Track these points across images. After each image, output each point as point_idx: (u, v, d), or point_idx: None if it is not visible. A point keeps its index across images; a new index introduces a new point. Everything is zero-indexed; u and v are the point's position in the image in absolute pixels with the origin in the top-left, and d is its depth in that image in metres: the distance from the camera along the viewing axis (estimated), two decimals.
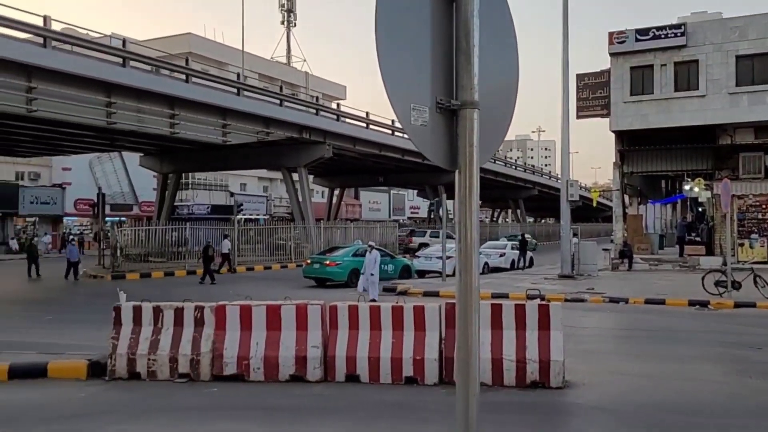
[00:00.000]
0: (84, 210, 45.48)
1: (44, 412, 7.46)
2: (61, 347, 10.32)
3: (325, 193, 54.85)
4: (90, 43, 21.95)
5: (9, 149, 32.78)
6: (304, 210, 33.23)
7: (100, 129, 22.93)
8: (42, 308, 16.99)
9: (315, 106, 33.37)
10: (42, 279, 24.23)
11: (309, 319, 8.62)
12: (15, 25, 18.01)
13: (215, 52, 53.62)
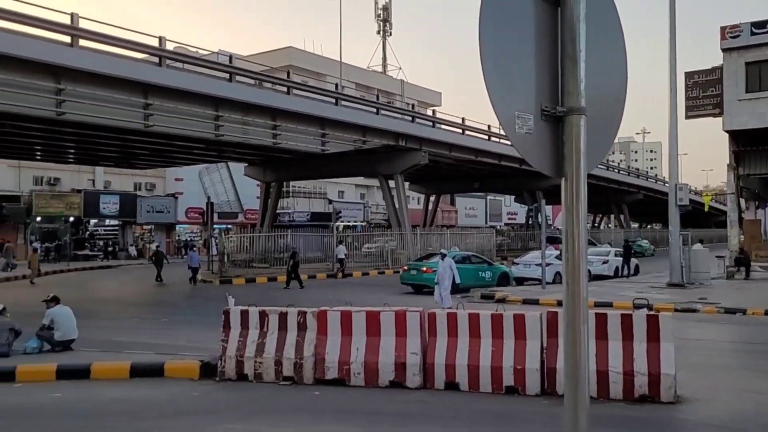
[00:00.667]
0: (194, 218, 48.02)
1: (163, 408, 7.94)
2: (175, 348, 10.95)
3: (421, 199, 55.01)
4: (200, 61, 23.23)
5: (129, 162, 35.21)
6: (401, 216, 33.49)
7: (209, 141, 24.17)
8: (159, 311, 18.09)
9: (411, 114, 33.59)
10: (164, 284, 25.62)
11: (408, 325, 8.67)
12: (133, 47, 19.38)
13: (314, 64, 55.21)
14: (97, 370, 9.45)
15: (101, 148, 27.58)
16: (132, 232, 47.61)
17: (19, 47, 15.92)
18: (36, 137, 23.95)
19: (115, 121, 19.32)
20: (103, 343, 11.65)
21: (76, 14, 16.82)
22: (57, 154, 31.21)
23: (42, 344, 10.74)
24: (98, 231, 46.27)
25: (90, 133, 22.39)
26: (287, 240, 30.80)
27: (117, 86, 18.60)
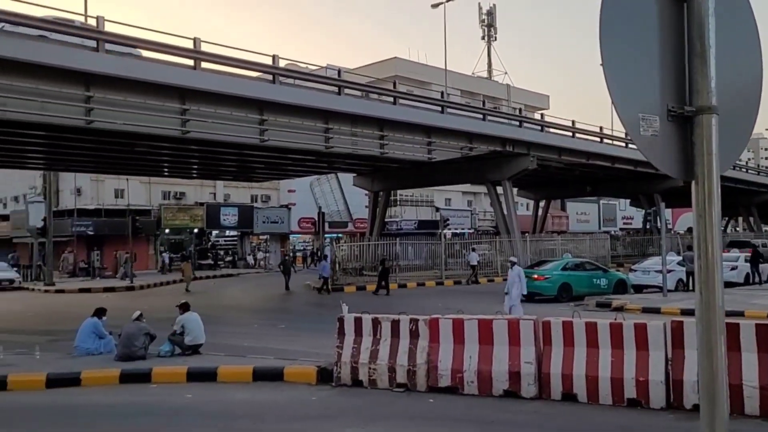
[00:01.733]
0: (306, 228, 49.64)
1: (283, 411, 8.27)
2: (292, 354, 11.37)
3: (530, 205, 53.78)
4: (310, 76, 24.07)
5: (246, 175, 37.02)
6: (509, 223, 32.92)
7: (319, 153, 24.93)
8: (276, 318, 18.84)
9: (518, 118, 33.00)
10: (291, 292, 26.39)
11: (521, 334, 8.52)
12: (250, 66, 20.43)
13: (419, 73, 55.59)
14: (223, 373, 10.01)
15: (221, 163, 29.20)
16: (249, 242, 49.91)
17: (150, 72, 17.22)
18: (164, 155, 25.74)
19: (234, 137, 20.39)
20: (227, 348, 12.30)
21: (198, 39, 17.97)
22: (182, 170, 33.39)
23: (174, 348, 11.50)
24: (219, 241, 48.88)
25: (211, 149, 23.79)
26: (396, 248, 31.13)
27: (235, 104, 19.64)
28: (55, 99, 15.77)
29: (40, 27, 15.23)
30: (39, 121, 16.31)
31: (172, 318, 12.28)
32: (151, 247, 43.16)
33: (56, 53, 15.43)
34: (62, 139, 20.41)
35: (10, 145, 22.15)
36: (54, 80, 15.66)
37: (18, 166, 33.22)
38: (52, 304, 24.73)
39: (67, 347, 12.30)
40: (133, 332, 11.20)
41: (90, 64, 15.99)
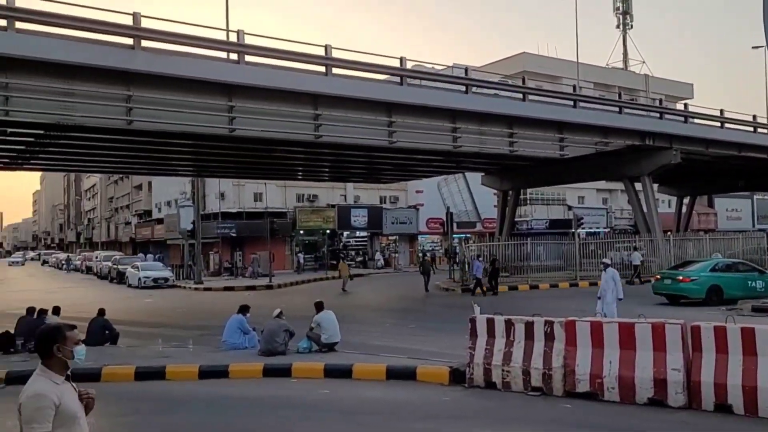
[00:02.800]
0: (434, 228, 49.80)
1: (416, 410, 8.34)
2: (424, 354, 11.42)
3: (672, 202, 50.38)
4: (437, 76, 24.12)
5: (375, 177, 37.84)
6: (650, 221, 31.04)
7: (447, 153, 24.91)
8: (407, 317, 19.05)
9: (658, 110, 31.04)
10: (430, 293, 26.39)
11: (667, 339, 7.99)
12: (377, 69, 20.85)
13: (549, 68, 53.97)
14: (358, 370, 10.27)
15: (351, 165, 30.04)
16: (379, 243, 50.93)
17: (286, 81, 18.07)
18: (298, 159, 26.92)
19: (363, 140, 20.90)
20: (361, 346, 12.61)
21: (330, 46, 18.60)
22: (314, 173, 34.74)
23: (311, 345, 11.98)
24: (350, 242, 50.32)
25: (341, 152, 24.53)
26: (527, 248, 30.40)
27: (364, 107, 20.11)
28: (200, 110, 16.97)
29: (187, 43, 16.46)
30: (187, 131, 17.64)
31: (308, 316, 12.79)
32: (287, 248, 45.27)
33: (202, 67, 16.61)
34: (207, 147, 21.94)
35: (163, 154, 24.15)
36: (199, 92, 16.86)
37: (170, 173, 36.21)
38: (201, 301, 26.67)
39: (215, 341, 13.20)
40: (274, 329, 11.79)
41: (232, 76, 17.06)
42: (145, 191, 62.93)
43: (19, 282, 42.26)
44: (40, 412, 3.16)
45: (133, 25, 15.15)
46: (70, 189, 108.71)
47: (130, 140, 19.73)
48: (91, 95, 15.11)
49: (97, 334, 13.46)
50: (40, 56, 13.92)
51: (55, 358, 3.33)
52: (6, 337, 13.10)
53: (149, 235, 57.95)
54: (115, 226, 77.02)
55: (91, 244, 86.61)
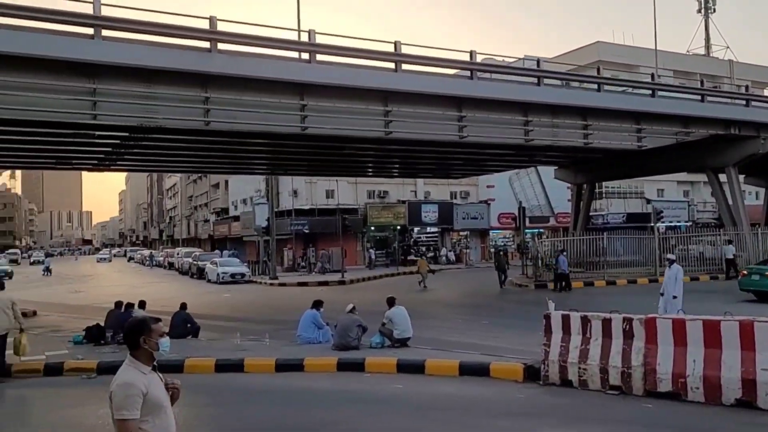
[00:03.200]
0: (506, 223, 49.16)
1: (490, 407, 8.27)
2: (497, 350, 11.32)
3: (760, 193, 47.73)
4: (508, 69, 23.73)
5: (445, 173, 37.67)
6: (735, 214, 29.51)
7: (519, 147, 24.46)
8: (480, 313, 18.90)
9: (744, 97, 29.41)
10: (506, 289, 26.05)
11: (756, 337, 7.60)
12: (447, 64, 20.73)
13: (624, 56, 52.14)
14: (431, 366, 10.28)
15: (421, 161, 29.99)
16: (450, 238, 50.69)
17: (357, 79, 18.23)
18: (368, 156, 27.12)
19: (433, 135, 20.82)
20: (433, 342, 12.62)
21: (399, 42, 18.63)
22: (384, 169, 34.90)
23: (384, 340, 12.08)
24: (420, 238, 50.32)
25: (411, 148, 24.52)
26: (602, 243, 29.53)
27: (434, 103, 20.02)
28: (274, 109, 17.36)
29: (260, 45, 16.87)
30: (261, 130, 18.07)
31: (380, 311, 12.90)
32: (359, 244, 45.74)
33: (275, 67, 16.98)
34: (281, 145, 22.41)
35: (239, 153, 24.86)
36: (273, 92, 17.23)
37: (246, 172, 37.26)
38: (276, 296, 27.35)
39: (290, 336, 13.51)
40: (347, 324, 11.96)
41: (304, 75, 17.36)
42: (222, 190, 65.05)
43: (107, 277, 44.57)
44: (129, 399, 3.33)
45: (209, 29, 15.65)
46: (152, 188, 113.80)
47: (207, 140, 20.41)
48: (171, 98, 15.73)
49: (179, 328, 14.03)
50: (125, 62, 14.60)
51: (142, 349, 3.50)
52: (97, 329, 13.86)
53: (226, 232, 59.87)
54: (194, 224, 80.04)
55: (173, 240, 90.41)
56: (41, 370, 11.16)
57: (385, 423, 7.62)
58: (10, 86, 13.70)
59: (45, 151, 21.80)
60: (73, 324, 17.20)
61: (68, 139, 18.66)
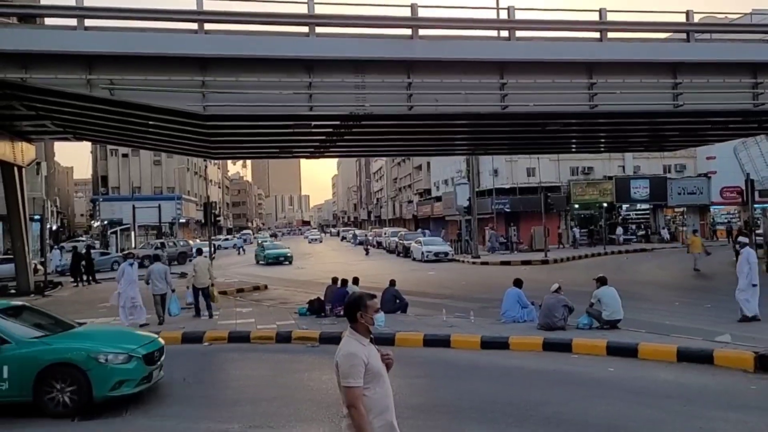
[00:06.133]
0: (730, 198, 44.39)
1: (716, 397, 7.66)
2: (717, 335, 10.40)
3: None
4: (732, 27, 21.32)
5: (658, 145, 34.89)
6: None
7: (745, 113, 21.88)
8: (700, 296, 17.45)
9: None
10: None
11: None
12: (658, 28, 19.22)
13: None
14: (645, 350, 9.78)
15: (630, 134, 28.09)
16: (663, 216, 47.06)
17: (558, 52, 17.66)
18: (572, 131, 26.07)
19: (644, 106, 19.41)
20: (646, 324, 11.97)
21: (604, 9, 17.63)
22: (589, 144, 33.28)
23: (591, 321, 11.72)
24: (630, 215, 47.37)
25: (619, 121, 23.08)
26: None
27: (644, 71, 18.61)
28: (474, 90, 17.46)
29: (460, 27, 17.05)
30: (462, 111, 18.29)
31: (587, 292, 12.51)
32: (562, 223, 44.36)
33: (476, 48, 17.09)
34: (481, 125, 22.47)
35: (441, 135, 25.40)
36: (473, 73, 17.33)
37: (448, 153, 37.95)
38: (479, 274, 27.64)
39: (494, 314, 13.66)
40: (552, 303, 11.79)
41: (505, 53, 17.22)
42: (424, 171, 66.98)
43: (323, 256, 48.33)
44: (354, 369, 3.68)
45: (411, 17, 16.19)
46: (361, 172, 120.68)
47: (410, 124, 21.15)
48: (377, 86, 16.58)
49: (389, 303, 14.87)
50: (338, 55, 15.72)
51: (359, 323, 3.85)
52: (318, 302, 15.22)
53: (429, 212, 61.61)
54: (399, 204, 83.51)
55: (380, 221, 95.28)
56: (273, 338, 12.55)
57: (598, 407, 7.41)
58: (243, 86, 15.49)
59: (270, 142, 24.23)
60: (298, 297, 19.03)
61: (289, 131, 20.53)
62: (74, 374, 7.62)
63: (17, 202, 22.56)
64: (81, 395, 7.61)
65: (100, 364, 7.70)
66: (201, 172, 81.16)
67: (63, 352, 7.81)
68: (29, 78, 14.50)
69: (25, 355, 7.70)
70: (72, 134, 22.50)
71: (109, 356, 7.80)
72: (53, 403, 7.60)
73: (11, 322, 8.25)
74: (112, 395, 7.78)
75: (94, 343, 8.07)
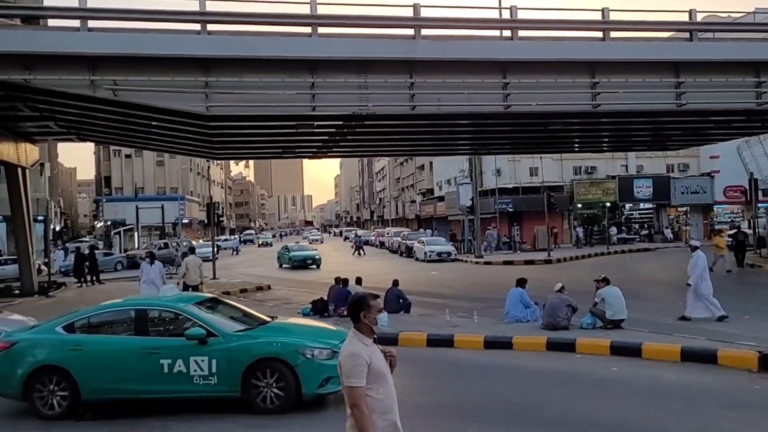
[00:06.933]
0: (734, 197, 44.32)
1: (720, 397, 7.65)
2: (726, 335, 10.37)
3: None
4: (734, 26, 21.27)
5: (661, 144, 34.84)
6: None
7: (748, 112, 21.85)
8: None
9: None
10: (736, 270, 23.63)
11: None
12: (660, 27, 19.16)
13: None
14: (648, 350, 9.76)
15: (633, 133, 28.06)
16: (666, 215, 47.00)
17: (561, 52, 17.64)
18: (575, 131, 26.04)
19: (647, 105, 19.39)
20: (649, 324, 11.95)
21: (607, 9, 17.61)
22: (592, 144, 33.24)
23: (595, 321, 11.71)
24: (633, 215, 47.31)
25: (622, 120, 23.05)
26: None
27: (647, 70, 18.58)
28: (476, 89, 17.46)
29: (462, 27, 17.05)
30: (465, 111, 18.29)
31: (590, 291, 12.49)
32: (565, 222, 44.32)
33: (479, 48, 17.08)
34: (484, 125, 22.47)
35: (444, 135, 25.41)
36: (476, 72, 17.32)
37: (450, 153, 37.96)
38: (482, 274, 27.63)
39: (497, 313, 13.65)
40: (556, 303, 11.78)
41: (508, 53, 17.21)
42: (427, 171, 66.96)
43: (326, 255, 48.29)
44: (356, 369, 3.67)
45: (413, 16, 16.19)
46: (363, 172, 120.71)
47: (413, 124, 21.15)
48: (380, 86, 16.58)
49: (392, 303, 14.86)
50: (341, 55, 15.74)
51: (363, 323, 3.84)
52: (321, 302, 15.22)
53: (432, 211, 61.60)
54: (402, 204, 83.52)
55: (382, 221, 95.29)
56: None
57: (602, 406, 7.41)
58: (246, 86, 15.52)
59: (273, 142, 24.26)
60: (301, 297, 19.05)
61: (292, 131, 20.55)
62: (281, 369, 7.34)
63: (21, 203, 22.62)
64: (288, 391, 7.34)
65: (307, 360, 7.37)
66: (204, 173, 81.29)
67: (270, 346, 7.54)
68: (33, 79, 14.54)
69: (234, 349, 7.47)
70: (75, 135, 22.56)
71: (315, 351, 7.46)
72: (260, 398, 7.38)
73: (216, 315, 8.16)
74: (320, 392, 7.47)
75: (298, 338, 7.77)
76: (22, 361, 7.73)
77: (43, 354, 7.80)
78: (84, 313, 8.33)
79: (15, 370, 7.70)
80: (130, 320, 8.11)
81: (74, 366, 7.60)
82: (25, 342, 7.98)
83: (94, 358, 7.66)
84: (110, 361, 7.63)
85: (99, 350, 7.76)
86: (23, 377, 7.63)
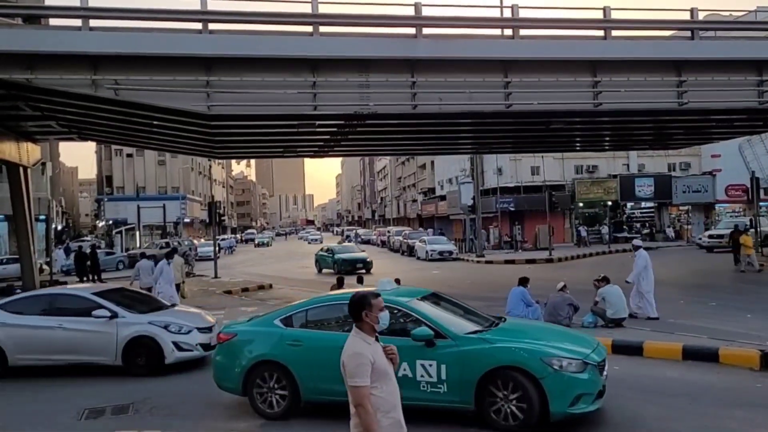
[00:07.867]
0: (736, 196, 44.27)
1: (722, 395, 7.65)
2: (728, 334, 10.39)
3: None
4: (736, 24, 21.24)
5: (663, 143, 34.82)
6: None
7: (751, 110, 21.83)
8: (706, 294, 17.38)
9: None
10: (737, 269, 23.54)
11: None
12: (662, 26, 19.14)
13: None
14: (650, 348, 9.78)
15: (634, 132, 28.05)
16: (668, 214, 46.99)
17: (563, 51, 17.64)
18: (576, 130, 26.03)
19: (649, 104, 19.37)
20: (650, 323, 11.95)
21: (608, 7, 17.60)
22: (594, 143, 33.24)
23: (596, 320, 11.73)
24: (634, 213, 47.29)
25: (624, 119, 23.03)
26: None
27: (648, 69, 18.56)
28: (478, 88, 17.44)
29: (464, 26, 17.04)
30: (466, 110, 18.27)
31: (591, 290, 12.50)
32: (567, 221, 44.33)
33: (480, 47, 17.07)
34: (486, 124, 22.46)
35: (445, 134, 25.40)
36: (477, 72, 17.31)
37: (452, 152, 37.95)
38: (483, 273, 27.64)
39: (498, 312, 13.61)
40: (557, 302, 11.80)
41: (510, 52, 17.20)
42: (428, 170, 66.98)
43: None
44: (360, 368, 3.68)
45: (414, 15, 16.19)
46: (365, 171, 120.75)
47: (414, 123, 21.15)
48: (381, 85, 16.57)
49: None
50: (342, 54, 15.74)
51: (364, 322, 3.86)
52: None
53: (433, 211, 61.62)
54: (403, 203, 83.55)
55: (384, 220, 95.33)
56: None
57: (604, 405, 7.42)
58: (247, 85, 15.51)
59: (275, 142, 24.27)
60: (302, 297, 19.02)
61: (293, 130, 20.55)
62: (522, 382, 6.29)
63: (23, 202, 22.64)
64: (531, 408, 6.25)
65: (555, 372, 6.29)
66: (205, 172, 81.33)
67: (511, 354, 6.48)
68: (34, 78, 14.55)
69: (468, 354, 6.51)
70: (77, 134, 22.57)
71: (564, 362, 6.36)
72: (499, 414, 6.39)
73: (442, 312, 7.22)
74: (572, 412, 6.34)
75: (541, 344, 6.70)
76: (243, 355, 7.39)
77: (263, 348, 7.37)
78: (301, 306, 7.77)
79: (236, 362, 7.39)
80: (345, 316, 6.92)
81: (294, 362, 7.12)
82: (245, 335, 7.61)
83: (314, 355, 7.05)
84: (329, 360, 6.08)
85: (318, 347, 7.08)
86: (244, 371, 7.31)
